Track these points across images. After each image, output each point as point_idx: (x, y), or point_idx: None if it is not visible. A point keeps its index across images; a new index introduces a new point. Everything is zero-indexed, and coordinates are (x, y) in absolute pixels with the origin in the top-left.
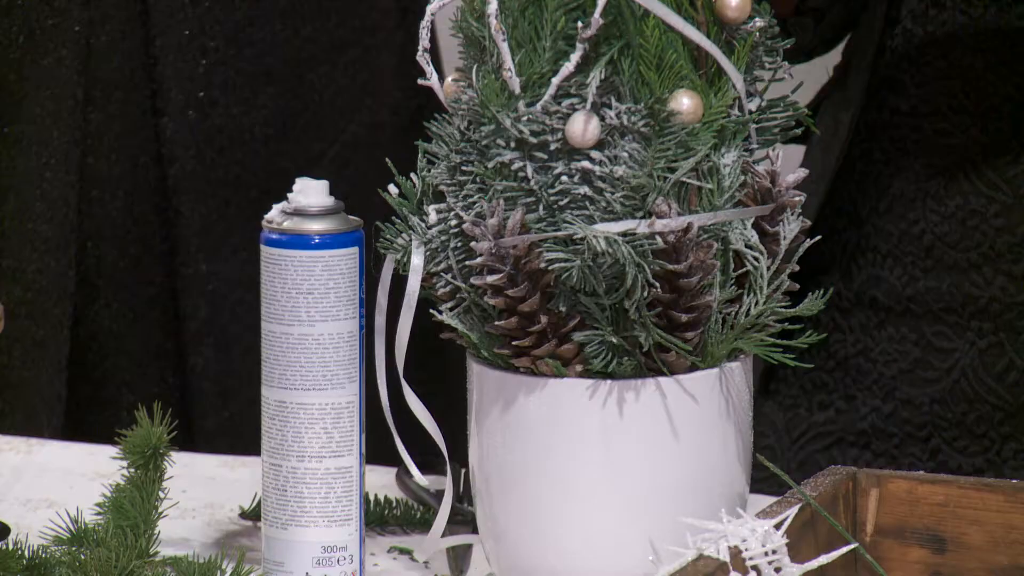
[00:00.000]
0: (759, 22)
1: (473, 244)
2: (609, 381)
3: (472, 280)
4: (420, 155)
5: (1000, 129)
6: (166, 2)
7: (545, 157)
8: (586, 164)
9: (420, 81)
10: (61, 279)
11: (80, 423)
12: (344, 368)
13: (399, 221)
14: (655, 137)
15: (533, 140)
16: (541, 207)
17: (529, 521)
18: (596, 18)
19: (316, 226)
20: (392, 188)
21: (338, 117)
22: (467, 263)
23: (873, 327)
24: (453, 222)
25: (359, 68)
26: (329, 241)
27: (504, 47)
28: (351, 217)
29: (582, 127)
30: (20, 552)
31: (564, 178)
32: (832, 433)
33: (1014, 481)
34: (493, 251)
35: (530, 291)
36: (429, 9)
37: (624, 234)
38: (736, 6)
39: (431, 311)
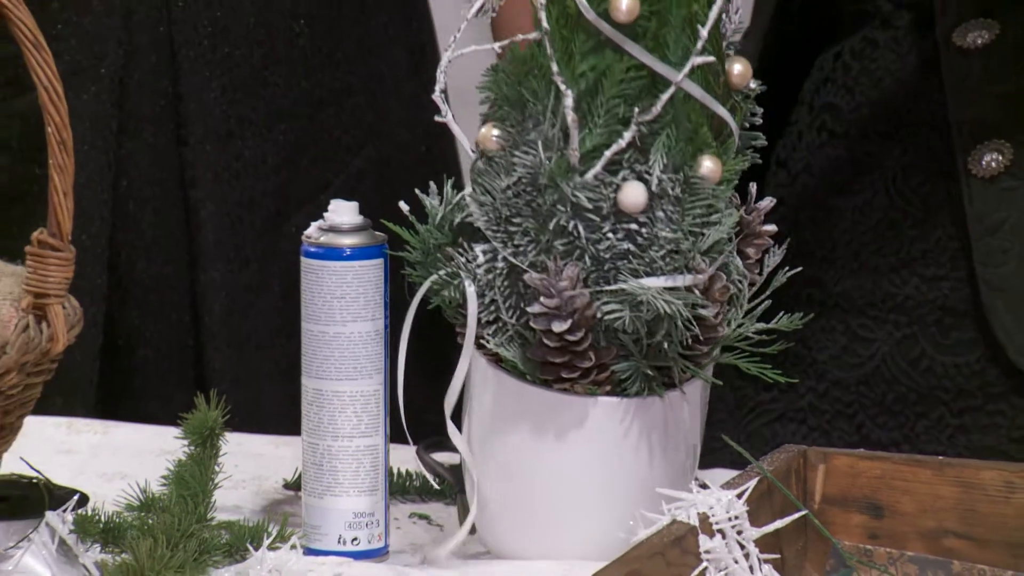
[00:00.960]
0: (753, 84)
1: (542, 299)
2: (625, 400)
3: (533, 324)
4: (449, 188)
5: (917, 152)
6: (191, 48)
7: (596, 219)
8: (632, 226)
9: (437, 118)
10: (96, 283)
11: (111, 408)
12: (371, 361)
13: (442, 257)
14: (686, 199)
15: (588, 206)
16: (587, 257)
17: (524, 505)
18: (656, 109)
19: (347, 240)
20: (406, 210)
21: (344, 152)
22: (523, 308)
23: (810, 319)
24: (500, 264)
25: (365, 111)
26: (358, 253)
27: (575, 134)
28: (377, 233)
29: (635, 197)
30: (97, 517)
31: (610, 235)
32: (775, 410)
33: (940, 457)
34: (558, 305)
35: (584, 336)
36: (447, 56)
37: (667, 288)
38: (739, 73)
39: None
